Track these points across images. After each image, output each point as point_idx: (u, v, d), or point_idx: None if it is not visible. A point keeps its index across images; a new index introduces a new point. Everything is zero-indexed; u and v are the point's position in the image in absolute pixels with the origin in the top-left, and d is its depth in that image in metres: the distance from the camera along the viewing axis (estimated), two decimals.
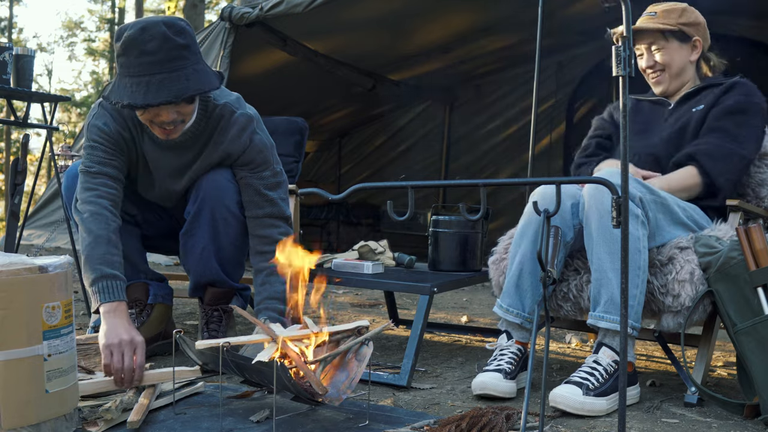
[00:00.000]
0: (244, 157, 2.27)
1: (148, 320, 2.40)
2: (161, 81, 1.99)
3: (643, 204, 2.04)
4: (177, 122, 2.13)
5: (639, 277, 2.00)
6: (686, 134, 2.34)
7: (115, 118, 2.24)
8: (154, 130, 2.16)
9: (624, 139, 1.40)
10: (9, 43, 3.19)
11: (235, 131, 2.25)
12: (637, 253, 2.00)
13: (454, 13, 5.75)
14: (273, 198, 2.29)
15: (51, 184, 6.59)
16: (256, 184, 2.28)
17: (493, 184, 1.81)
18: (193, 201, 2.29)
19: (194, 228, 2.28)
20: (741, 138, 2.29)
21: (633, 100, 2.55)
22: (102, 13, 25.34)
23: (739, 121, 2.31)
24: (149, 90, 1.99)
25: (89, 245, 2.10)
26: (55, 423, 1.57)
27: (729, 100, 2.33)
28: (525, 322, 2.16)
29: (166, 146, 2.26)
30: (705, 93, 2.40)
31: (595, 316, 2.03)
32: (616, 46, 1.38)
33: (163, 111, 2.07)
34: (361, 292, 4.29)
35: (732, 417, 1.94)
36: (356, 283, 2.50)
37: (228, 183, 2.27)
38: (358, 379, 1.69)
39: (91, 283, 2.05)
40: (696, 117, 2.35)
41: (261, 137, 2.29)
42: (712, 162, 2.24)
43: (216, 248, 2.28)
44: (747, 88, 2.37)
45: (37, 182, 4.99)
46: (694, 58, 2.45)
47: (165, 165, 2.31)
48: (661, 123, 2.43)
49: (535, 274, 2.15)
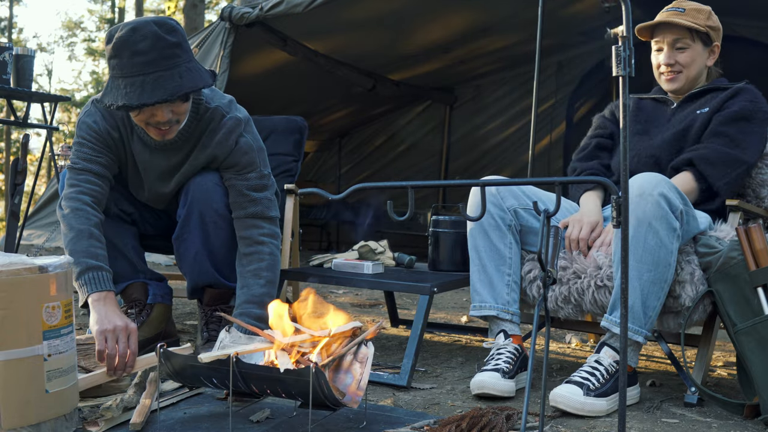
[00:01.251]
0: (230, 159, 2.27)
1: (147, 320, 2.40)
2: (155, 80, 1.98)
3: (682, 217, 2.01)
4: (172, 122, 2.13)
5: (663, 290, 1.99)
6: (688, 137, 2.33)
7: (106, 118, 2.25)
8: (150, 131, 2.16)
9: (624, 140, 1.40)
10: (9, 43, 3.19)
11: (223, 134, 2.25)
12: (667, 267, 1.98)
13: (454, 13, 5.75)
14: (256, 198, 2.27)
15: (51, 184, 6.58)
16: (240, 185, 2.27)
17: (492, 184, 1.81)
18: (182, 205, 2.29)
19: (185, 233, 2.28)
20: (744, 144, 2.28)
21: (634, 99, 2.54)
22: (102, 13, 25.35)
23: (743, 127, 2.29)
24: (144, 90, 1.98)
25: (71, 240, 2.12)
26: (55, 423, 1.56)
27: (734, 105, 2.31)
28: (501, 313, 2.20)
29: (155, 148, 2.27)
30: (710, 96, 2.39)
31: (610, 320, 2.02)
32: (616, 46, 1.38)
33: (158, 111, 2.07)
34: (361, 292, 4.29)
35: (732, 417, 1.94)
36: (356, 283, 2.50)
37: (215, 186, 2.27)
38: (367, 380, 1.69)
39: (77, 276, 2.06)
40: (700, 120, 2.33)
41: (247, 140, 2.28)
42: (711, 167, 2.22)
43: (208, 251, 2.28)
44: (753, 94, 2.35)
45: (37, 182, 4.99)
46: (710, 63, 2.43)
47: (154, 167, 2.31)
48: (663, 123, 2.42)
49: (494, 260, 2.23)
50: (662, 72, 2.42)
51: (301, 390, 1.57)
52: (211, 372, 1.65)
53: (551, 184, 1.59)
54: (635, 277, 1.98)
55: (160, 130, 2.13)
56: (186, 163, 2.29)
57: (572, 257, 2.21)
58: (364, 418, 1.76)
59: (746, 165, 2.29)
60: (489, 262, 2.24)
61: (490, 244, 2.24)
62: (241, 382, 1.64)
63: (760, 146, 2.33)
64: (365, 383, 1.68)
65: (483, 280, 2.24)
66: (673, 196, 1.98)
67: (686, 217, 2.04)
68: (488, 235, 2.24)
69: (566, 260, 2.21)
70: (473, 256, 2.27)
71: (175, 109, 2.11)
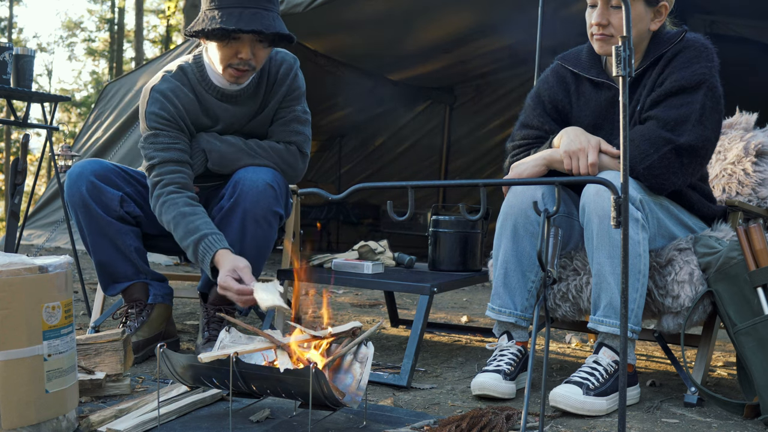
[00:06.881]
0: (292, 93, 2.42)
1: (148, 320, 2.40)
2: (253, 14, 2.14)
3: (643, 206, 2.00)
4: (251, 66, 2.25)
5: (639, 281, 1.97)
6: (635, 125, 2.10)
7: (175, 90, 2.31)
8: (226, 73, 2.27)
9: (624, 139, 1.40)
10: (9, 43, 3.19)
11: (286, 68, 2.42)
12: (637, 257, 1.96)
13: (454, 13, 5.76)
14: (299, 130, 2.44)
15: (51, 184, 6.59)
16: (288, 117, 2.42)
17: (493, 184, 1.81)
18: (228, 196, 2.30)
19: (224, 224, 2.29)
20: (678, 123, 2.00)
21: (567, 71, 2.26)
22: (102, 13, 25.33)
23: (678, 102, 2.01)
24: (241, 18, 2.13)
25: (175, 233, 2.22)
26: (55, 423, 1.56)
27: (668, 79, 2.05)
28: (519, 320, 2.15)
29: (231, 97, 2.36)
30: (648, 73, 2.12)
31: (594, 320, 2.03)
32: (616, 46, 1.38)
33: (244, 47, 2.20)
34: (361, 292, 4.29)
35: (732, 417, 1.94)
36: (356, 283, 2.50)
37: (266, 187, 2.28)
38: (367, 380, 1.69)
39: (194, 259, 2.19)
40: (640, 103, 2.11)
41: (300, 76, 2.45)
42: (631, 147, 1.98)
43: (241, 246, 2.28)
44: (690, 54, 2.05)
45: (37, 182, 4.99)
46: (654, 27, 2.10)
47: (231, 116, 2.39)
48: (612, 114, 2.16)
49: (519, 271, 2.14)
50: (593, 33, 2.11)
51: (301, 390, 1.57)
52: (211, 372, 1.65)
53: (551, 184, 1.59)
54: (609, 273, 1.98)
55: (238, 70, 2.24)
56: (261, 112, 2.42)
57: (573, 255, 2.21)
58: (364, 418, 1.76)
59: (673, 144, 1.99)
60: (512, 266, 2.14)
61: (519, 247, 2.13)
62: (241, 382, 1.64)
63: (702, 122, 2.02)
64: (365, 383, 1.68)
65: (507, 283, 2.15)
66: (629, 188, 1.89)
67: (648, 205, 2.02)
68: (518, 238, 2.13)
69: (565, 258, 2.21)
70: (500, 257, 2.15)
71: (257, 52, 2.23)
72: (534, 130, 2.26)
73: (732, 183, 2.47)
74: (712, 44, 2.11)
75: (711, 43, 2.12)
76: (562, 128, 2.16)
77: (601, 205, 1.98)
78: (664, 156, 1.99)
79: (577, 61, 2.26)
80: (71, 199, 2.35)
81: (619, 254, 1.94)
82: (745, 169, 2.45)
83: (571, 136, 2.08)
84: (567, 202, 2.22)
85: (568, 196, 2.23)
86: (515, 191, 2.16)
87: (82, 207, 2.32)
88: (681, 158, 2.01)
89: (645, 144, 2.00)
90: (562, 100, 2.26)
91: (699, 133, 2.01)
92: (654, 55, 2.12)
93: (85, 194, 2.31)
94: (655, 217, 2.07)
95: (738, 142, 2.51)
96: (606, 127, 2.17)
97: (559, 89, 2.27)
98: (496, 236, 2.19)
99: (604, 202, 1.98)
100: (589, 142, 2.05)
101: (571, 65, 2.26)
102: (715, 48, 2.10)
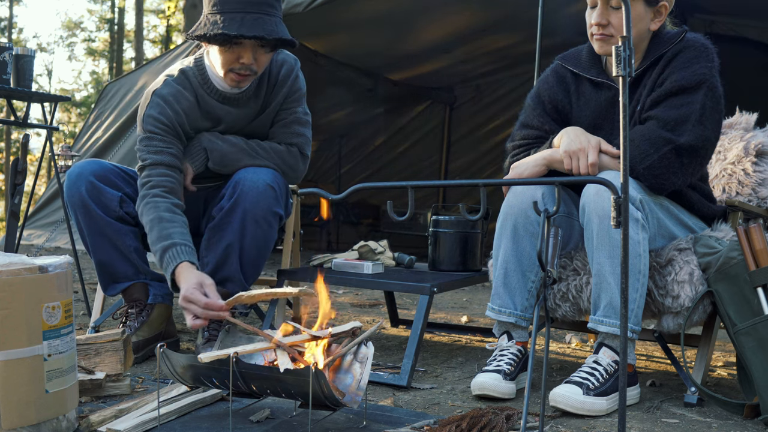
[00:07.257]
0: (293, 95, 2.42)
1: (148, 320, 2.40)
2: (255, 20, 2.13)
3: (643, 206, 1.99)
4: (252, 70, 2.24)
5: (639, 281, 1.97)
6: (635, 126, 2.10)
7: (176, 95, 2.31)
8: (227, 78, 2.26)
9: (624, 139, 1.40)
10: (9, 43, 3.19)
11: (287, 69, 2.42)
12: (637, 257, 1.96)
13: (454, 13, 5.76)
14: (300, 132, 2.44)
15: (51, 184, 6.59)
16: (289, 118, 2.42)
17: (493, 184, 1.81)
18: (228, 197, 2.30)
19: (225, 223, 2.29)
20: (678, 123, 2.00)
21: (567, 71, 2.27)
22: (102, 13, 25.33)
23: (678, 102, 2.02)
24: (244, 24, 2.12)
25: (148, 234, 2.22)
26: (55, 423, 1.56)
27: (668, 79, 2.05)
28: (519, 320, 2.15)
29: (232, 99, 2.37)
30: (649, 73, 2.13)
31: (594, 320, 2.03)
32: (616, 46, 1.38)
33: (246, 52, 2.19)
34: (361, 292, 4.29)
35: (732, 417, 1.94)
36: (356, 283, 2.50)
37: (267, 188, 2.28)
38: (367, 380, 1.69)
39: (160, 265, 2.17)
40: (640, 103, 2.11)
41: (302, 77, 2.46)
42: (633, 148, 1.99)
43: (240, 247, 2.28)
44: (690, 54, 2.05)
45: (37, 182, 4.99)
46: (654, 27, 2.11)
47: (231, 119, 2.40)
48: (612, 114, 2.17)
49: (519, 271, 2.14)
50: (593, 33, 2.11)
51: (301, 390, 1.57)
52: (211, 372, 1.65)
53: (551, 184, 1.59)
54: (609, 273, 1.98)
55: (239, 75, 2.24)
56: (263, 114, 2.42)
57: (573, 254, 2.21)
58: (364, 418, 1.76)
59: (682, 149, 1.99)
60: (512, 266, 2.14)
61: (519, 247, 2.13)
62: (241, 382, 1.64)
63: (702, 122, 2.01)
64: (365, 383, 1.68)
65: (507, 284, 2.15)
66: (629, 188, 1.90)
67: (648, 205, 2.02)
68: (519, 238, 2.13)
69: (565, 258, 2.21)
70: (500, 257, 2.15)
71: (259, 57, 2.22)
72: (534, 130, 2.26)
73: (732, 183, 2.46)
74: (712, 44, 2.11)
75: (711, 43, 2.12)
76: (562, 128, 2.16)
77: (601, 205, 1.98)
78: (664, 156, 2.00)
79: (577, 61, 2.26)
80: (71, 200, 2.35)
81: (619, 254, 1.94)
82: (745, 169, 2.45)
83: (571, 136, 2.09)
84: (567, 202, 2.22)
85: (568, 196, 2.23)
86: (515, 191, 2.16)
87: (81, 207, 2.33)
88: (681, 158, 2.01)
89: (645, 144, 2.01)
90: (562, 100, 2.26)
91: (699, 133, 2.02)
92: (654, 55, 2.12)
93: (85, 195, 2.31)
94: (655, 217, 2.07)
95: (738, 142, 2.51)
96: (606, 127, 2.17)
97: (559, 89, 2.27)
98: (496, 236, 2.19)
99: (604, 202, 1.98)
100: (589, 142, 2.05)
101: (571, 65, 2.26)
102: (715, 48, 2.10)
